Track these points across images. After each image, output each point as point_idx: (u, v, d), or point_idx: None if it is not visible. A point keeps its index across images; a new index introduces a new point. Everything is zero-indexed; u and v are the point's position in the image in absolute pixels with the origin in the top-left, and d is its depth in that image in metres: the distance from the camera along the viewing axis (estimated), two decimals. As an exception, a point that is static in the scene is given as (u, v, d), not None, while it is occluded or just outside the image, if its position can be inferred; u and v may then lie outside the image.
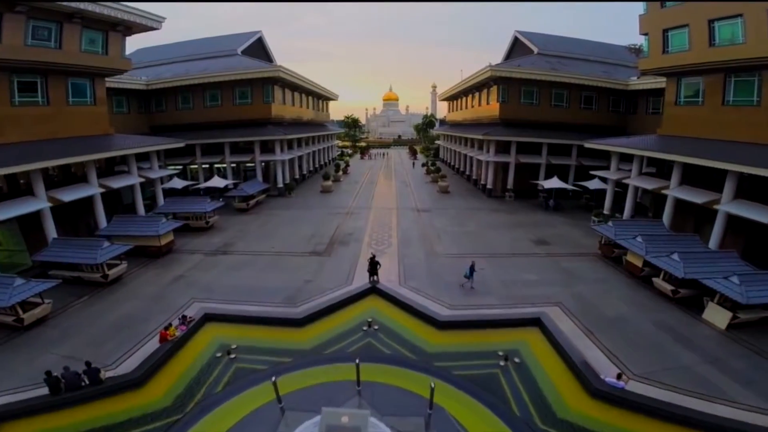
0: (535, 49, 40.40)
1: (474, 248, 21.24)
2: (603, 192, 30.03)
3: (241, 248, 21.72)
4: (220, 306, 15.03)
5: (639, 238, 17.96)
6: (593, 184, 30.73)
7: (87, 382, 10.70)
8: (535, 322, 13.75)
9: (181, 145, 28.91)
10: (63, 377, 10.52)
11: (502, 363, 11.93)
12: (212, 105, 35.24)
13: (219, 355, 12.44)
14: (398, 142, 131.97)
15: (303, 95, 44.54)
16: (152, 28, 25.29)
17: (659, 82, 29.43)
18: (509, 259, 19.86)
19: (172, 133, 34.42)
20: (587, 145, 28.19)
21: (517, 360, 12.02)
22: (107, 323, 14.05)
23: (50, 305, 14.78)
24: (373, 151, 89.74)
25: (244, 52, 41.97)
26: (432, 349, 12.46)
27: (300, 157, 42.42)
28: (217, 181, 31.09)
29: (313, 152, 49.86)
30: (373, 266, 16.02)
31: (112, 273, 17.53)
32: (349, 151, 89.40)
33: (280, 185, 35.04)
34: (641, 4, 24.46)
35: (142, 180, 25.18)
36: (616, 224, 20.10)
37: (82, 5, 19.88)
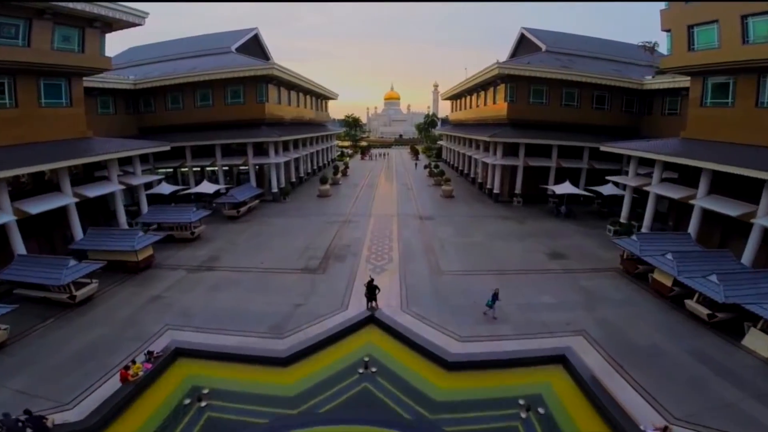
0: (543, 47, 38.50)
1: (482, 263, 19.45)
2: (617, 198, 28.30)
3: (227, 263, 19.94)
4: (195, 336, 13.31)
5: (669, 256, 16.15)
6: (607, 190, 28.92)
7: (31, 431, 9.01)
8: (560, 359, 11.90)
9: (167, 148, 27.07)
10: (2, 424, 8.82)
11: (523, 414, 10.11)
12: (203, 105, 33.43)
13: (188, 402, 10.61)
14: (400, 141, 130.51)
15: (300, 94, 42.70)
16: (135, 24, 23.52)
17: (677, 81, 27.61)
18: (522, 277, 18.02)
19: (162, 135, 32.79)
20: (603, 148, 26.29)
21: (541, 410, 10.17)
22: (70, 352, 12.49)
23: (7, 331, 13.17)
24: (373, 151, 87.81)
25: (239, 50, 40.19)
26: (440, 397, 10.63)
27: (297, 159, 40.60)
28: (205, 186, 29.27)
29: (311, 154, 48.03)
30: (372, 291, 14.19)
31: (81, 293, 15.83)
32: (350, 152, 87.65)
33: (275, 190, 33.20)
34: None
35: (123, 187, 23.40)
36: (641, 238, 18.24)
37: (52, 2, 18.14)
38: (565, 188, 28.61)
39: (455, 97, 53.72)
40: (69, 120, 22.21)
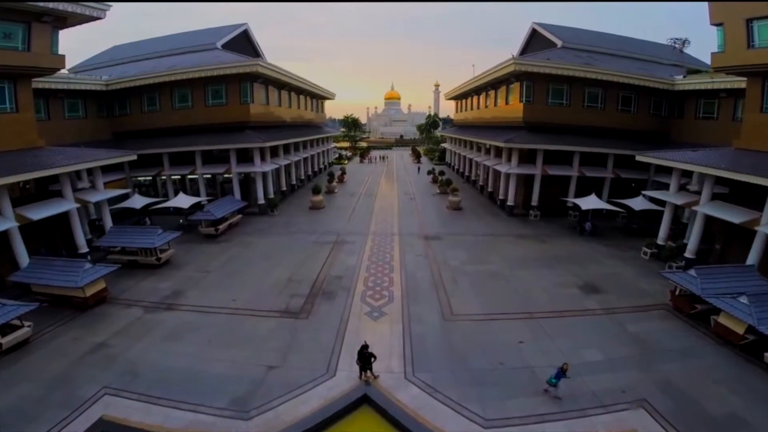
0: (559, 42, 35.20)
1: (504, 302, 16.12)
2: (648, 213, 25.06)
3: (192, 300, 16.67)
4: (135, 408, 10.37)
5: (744, 300, 12.97)
6: (637, 204, 25.61)
7: None
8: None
9: (132, 157, 23.92)
10: None
11: None
12: (182, 107, 30.20)
13: None
14: (400, 142, 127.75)
15: (292, 94, 39.41)
16: (93, 18, 20.46)
17: (716, 82, 24.36)
18: (556, 323, 14.70)
19: (138, 140, 30.02)
20: (640, 158, 23.03)
21: None
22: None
23: None
24: (373, 154, 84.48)
25: (227, 47, 37.01)
26: None
27: (288, 166, 37.23)
28: (181, 200, 26.00)
29: (305, 158, 44.70)
30: (366, 360, 10.86)
31: (7, 341, 12.91)
32: (348, 154, 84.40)
33: (261, 201, 29.87)
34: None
35: (77, 206, 20.14)
36: (701, 274, 14.87)
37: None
38: (592, 203, 25.29)
39: (461, 96, 50.37)
40: (14, 128, 19.19)
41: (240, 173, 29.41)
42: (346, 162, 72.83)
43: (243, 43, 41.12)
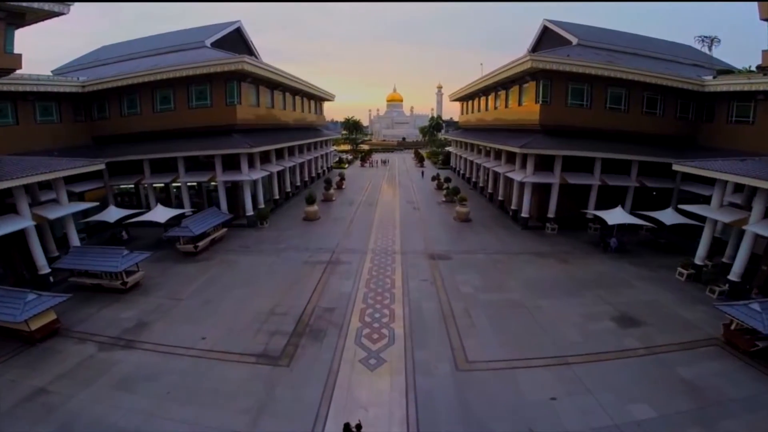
0: (574, 40, 32.79)
1: (530, 343, 13.57)
2: (679, 226, 22.58)
3: (156, 335, 14.25)
4: None
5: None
6: (668, 217, 23.12)
7: None
8: None
9: (100, 166, 21.54)
10: None
11: None
12: (164, 109, 27.91)
13: None
14: (403, 144, 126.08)
15: (287, 95, 37.08)
16: (55, 14, 18.22)
17: (755, 83, 21.89)
18: (593, 368, 12.20)
19: (119, 145, 27.99)
20: (678, 167, 20.51)
21: None
22: None
23: None
24: (375, 157, 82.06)
25: (217, 45, 34.77)
26: None
27: (282, 172, 34.79)
28: (158, 213, 23.57)
29: (302, 163, 42.25)
30: (355, 445, 8.34)
31: None
32: (349, 157, 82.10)
33: (250, 213, 27.40)
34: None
35: (33, 223, 17.71)
36: (766, 309, 12.37)
37: None
38: (618, 216, 22.73)
39: (467, 98, 47.93)
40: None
41: (226, 181, 26.96)
42: (347, 166, 70.56)
43: (236, 41, 38.93)
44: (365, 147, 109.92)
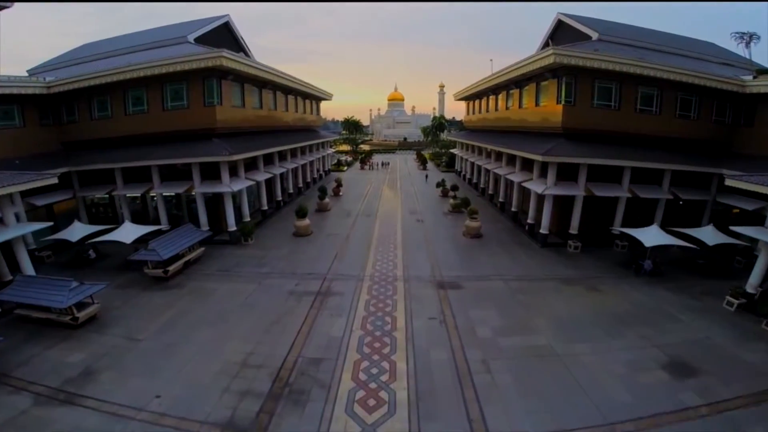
0: (594, 35, 29.78)
1: (568, 408, 10.70)
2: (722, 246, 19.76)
3: (102, 389, 11.53)
4: None
5: None
6: (708, 236, 20.39)
7: None
8: None
9: (52, 180, 18.63)
10: None
11: None
12: (136, 111, 25.07)
13: None
14: (404, 145, 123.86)
15: (278, 94, 34.14)
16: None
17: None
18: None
19: (92, 152, 25.44)
20: (732, 182, 17.58)
21: None
22: None
23: None
24: (375, 159, 79.26)
25: (202, 41, 31.81)
26: None
27: (272, 179, 31.86)
28: (125, 231, 20.67)
29: (295, 169, 39.35)
30: None
31: None
32: (348, 159, 79.28)
33: (232, 228, 24.49)
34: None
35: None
36: None
37: None
38: (655, 237, 19.75)
39: (473, 97, 44.94)
40: None
41: (205, 193, 24.05)
42: (345, 168, 67.77)
43: (223, 37, 35.92)
44: (366, 148, 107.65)
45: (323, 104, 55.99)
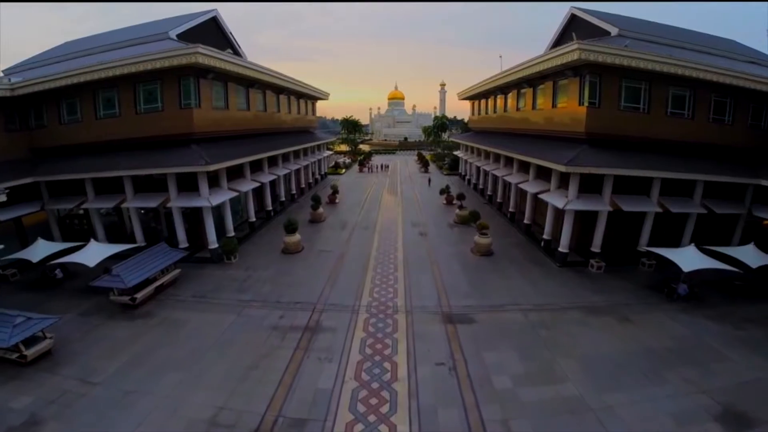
0: (614, 30, 27.61)
1: None
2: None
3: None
4: None
5: None
6: (749, 256, 18.71)
7: None
8: None
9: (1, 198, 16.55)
10: None
11: None
12: (107, 115, 23.02)
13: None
14: (405, 145, 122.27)
15: (267, 94, 32.04)
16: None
17: None
18: None
19: (59, 159, 23.58)
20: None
21: None
22: None
23: None
24: (375, 160, 77.27)
25: (186, 37, 29.66)
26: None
27: (260, 188, 29.70)
28: (89, 252, 18.60)
29: (287, 175, 37.20)
30: None
31: None
32: (347, 161, 77.22)
33: (213, 246, 22.36)
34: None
35: None
36: None
37: None
38: (693, 259, 17.62)
39: (480, 96, 42.78)
40: None
41: (183, 208, 21.92)
42: (343, 171, 65.71)
43: (211, 33, 33.76)
44: (365, 148, 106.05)
45: (321, 103, 54.06)
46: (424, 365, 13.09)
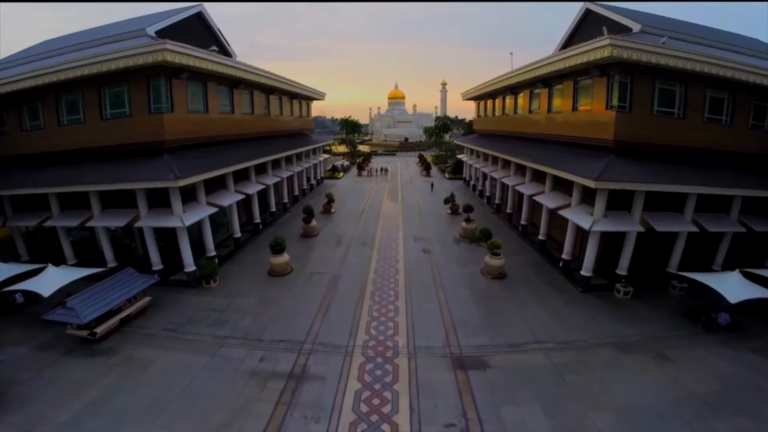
0: (636, 26, 25.63)
1: None
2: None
3: None
4: None
5: None
6: None
7: None
8: None
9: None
10: None
11: None
12: (71, 121, 21.31)
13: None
14: (405, 146, 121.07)
15: (255, 94, 30.20)
16: None
17: None
18: None
19: (22, 170, 22.06)
20: None
21: None
22: None
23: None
24: (374, 162, 75.51)
25: (167, 34, 27.63)
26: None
27: (246, 200, 27.69)
28: (46, 279, 16.71)
29: (277, 183, 35.27)
30: None
31: None
32: (345, 164, 75.42)
33: (190, 269, 20.41)
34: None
35: None
36: None
37: None
38: (740, 288, 15.71)
39: (487, 96, 40.96)
40: None
41: (153, 227, 19.95)
42: (341, 175, 63.85)
43: (195, 29, 31.81)
44: (365, 149, 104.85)
45: (320, 103, 52.37)
46: (430, 427, 11.13)
